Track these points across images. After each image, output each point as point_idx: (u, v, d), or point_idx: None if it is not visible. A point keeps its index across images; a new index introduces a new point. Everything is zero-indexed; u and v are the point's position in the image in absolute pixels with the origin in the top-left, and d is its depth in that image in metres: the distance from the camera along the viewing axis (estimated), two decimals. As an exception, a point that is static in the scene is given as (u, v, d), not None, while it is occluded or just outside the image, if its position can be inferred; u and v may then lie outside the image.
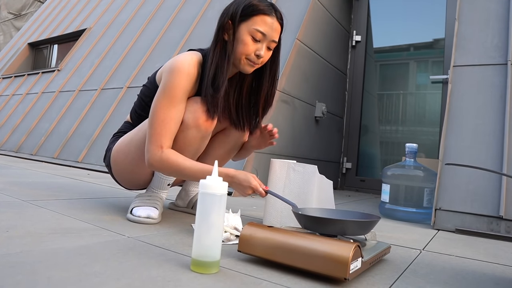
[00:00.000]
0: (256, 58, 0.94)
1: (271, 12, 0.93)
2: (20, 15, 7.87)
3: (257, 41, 0.93)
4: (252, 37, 0.92)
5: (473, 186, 1.35)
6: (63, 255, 0.67)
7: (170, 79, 0.91)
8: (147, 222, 0.99)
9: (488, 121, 1.43)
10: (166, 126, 0.91)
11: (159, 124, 0.91)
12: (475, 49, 1.56)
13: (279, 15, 0.95)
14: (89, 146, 2.85)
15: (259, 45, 0.93)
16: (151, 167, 0.94)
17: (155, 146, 0.91)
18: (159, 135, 0.91)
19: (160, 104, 0.91)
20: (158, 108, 0.91)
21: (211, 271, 0.64)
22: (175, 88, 0.91)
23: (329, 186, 1.10)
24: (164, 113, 0.91)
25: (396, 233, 1.23)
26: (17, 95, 4.22)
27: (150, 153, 0.92)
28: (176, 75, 0.91)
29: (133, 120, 1.12)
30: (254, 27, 0.91)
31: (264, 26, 0.92)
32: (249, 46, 0.92)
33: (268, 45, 0.95)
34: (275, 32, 0.94)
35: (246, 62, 0.94)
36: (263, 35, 0.93)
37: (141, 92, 1.08)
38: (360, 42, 2.94)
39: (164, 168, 0.93)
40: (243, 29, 0.92)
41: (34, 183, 1.61)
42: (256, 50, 0.93)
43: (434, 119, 2.62)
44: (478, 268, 0.86)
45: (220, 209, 0.66)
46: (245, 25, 0.92)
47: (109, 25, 3.98)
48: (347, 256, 0.62)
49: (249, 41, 0.92)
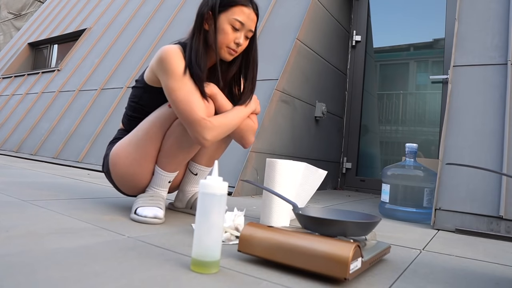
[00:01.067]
0: (236, 46, 1.01)
1: (248, 3, 1.00)
2: (20, 15, 7.87)
3: (236, 30, 0.99)
4: (232, 26, 0.99)
5: (473, 186, 1.35)
6: (63, 255, 0.67)
7: (167, 64, 0.95)
8: (154, 222, 1.00)
9: (488, 121, 1.43)
10: (192, 100, 0.94)
11: (186, 104, 0.94)
12: (475, 49, 1.56)
13: (255, 6, 1.02)
14: (89, 146, 2.85)
15: (238, 34, 1.00)
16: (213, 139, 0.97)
17: (199, 122, 0.94)
18: (193, 112, 0.94)
19: (173, 88, 0.95)
20: (173, 93, 0.95)
21: (211, 271, 0.64)
22: (176, 68, 0.95)
23: (319, 178, 1.17)
24: (183, 93, 0.94)
25: (396, 233, 1.23)
26: (17, 95, 4.22)
27: (201, 132, 0.94)
28: (170, 58, 0.95)
29: (125, 125, 1.14)
30: (233, 16, 0.98)
31: (242, 16, 0.99)
32: (229, 35, 0.99)
33: (246, 34, 1.02)
34: (252, 22, 1.01)
35: (226, 50, 1.01)
36: (242, 25, 0.99)
37: (130, 95, 1.12)
38: (360, 42, 2.94)
39: (222, 131, 0.98)
40: (223, 19, 0.99)
41: (34, 183, 1.61)
42: (236, 39, 1.00)
43: (434, 119, 2.62)
44: (478, 268, 0.86)
45: (220, 209, 0.66)
46: (224, 15, 0.99)
47: (109, 25, 3.98)
48: (347, 256, 0.62)
49: (229, 30, 0.99)
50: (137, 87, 1.09)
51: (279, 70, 2.18)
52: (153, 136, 1.03)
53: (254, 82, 1.08)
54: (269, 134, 2.09)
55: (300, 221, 0.80)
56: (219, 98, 1.02)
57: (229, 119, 1.00)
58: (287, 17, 2.46)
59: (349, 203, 1.99)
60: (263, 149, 2.04)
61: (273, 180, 1.11)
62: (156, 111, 1.05)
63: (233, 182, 1.86)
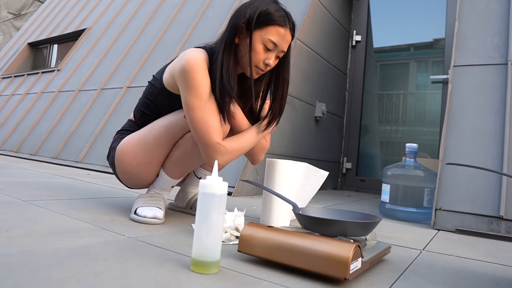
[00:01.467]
0: (265, 67, 0.96)
1: (286, 23, 0.94)
2: (20, 15, 7.86)
3: (268, 50, 0.94)
4: (264, 46, 0.94)
5: (473, 186, 1.35)
6: (63, 255, 0.67)
7: (191, 80, 0.91)
8: (153, 222, 1.00)
9: (488, 121, 1.43)
10: (209, 123, 0.91)
11: (203, 125, 0.91)
12: (476, 49, 1.55)
13: (292, 26, 0.96)
14: (89, 146, 2.85)
15: (269, 54, 0.95)
16: (224, 163, 0.96)
17: (213, 146, 0.92)
18: (209, 135, 0.91)
19: (194, 106, 0.91)
20: (193, 111, 0.91)
21: (211, 271, 0.64)
22: (200, 86, 0.91)
23: (321, 179, 1.16)
24: (201, 114, 0.91)
25: (396, 233, 1.23)
26: (16, 95, 4.22)
27: (214, 156, 0.93)
28: (195, 73, 0.90)
29: (136, 119, 1.11)
30: (268, 37, 0.93)
31: (277, 37, 0.93)
32: (260, 55, 0.94)
33: (277, 54, 0.97)
34: (286, 43, 0.96)
35: (254, 69, 0.96)
36: (275, 46, 0.94)
37: (146, 90, 1.07)
38: (360, 42, 2.94)
39: (234, 156, 0.97)
40: (256, 37, 0.93)
41: (34, 183, 1.61)
42: (266, 59, 0.95)
43: (434, 119, 2.62)
44: (478, 268, 0.86)
45: (220, 209, 0.66)
46: (258, 33, 0.93)
47: (109, 25, 3.98)
48: (347, 256, 0.62)
49: (261, 50, 0.94)
50: (153, 85, 1.04)
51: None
52: (164, 143, 1.00)
53: (284, 103, 1.05)
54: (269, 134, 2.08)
55: (300, 221, 0.80)
56: (237, 117, 0.99)
57: (243, 144, 0.97)
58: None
59: (349, 203, 1.99)
60: (263, 149, 2.04)
61: (273, 180, 1.11)
62: (171, 115, 1.01)
63: (233, 182, 1.86)
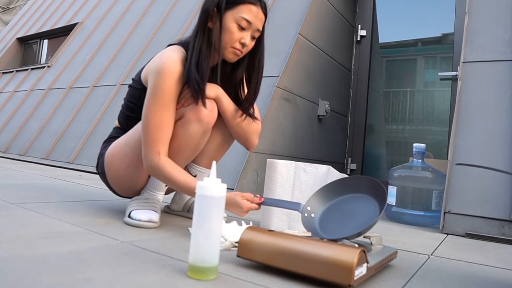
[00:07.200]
0: (241, 46, 0.97)
1: (256, 1, 0.96)
2: (8, 9, 7.79)
3: (243, 29, 0.96)
4: (238, 25, 0.95)
5: (483, 188, 1.34)
6: (53, 260, 0.66)
7: (158, 82, 0.92)
8: (148, 226, 0.98)
9: (499, 120, 1.41)
10: (162, 131, 0.93)
11: (155, 130, 0.93)
12: (486, 44, 1.54)
13: (263, 4, 0.98)
14: (81, 146, 2.81)
15: (244, 34, 0.96)
16: (149, 171, 0.97)
17: (153, 152, 0.94)
18: (156, 141, 0.93)
19: (153, 109, 0.93)
20: (151, 113, 0.93)
21: (209, 277, 0.63)
22: (164, 91, 0.92)
23: None
24: (158, 118, 0.93)
25: (403, 237, 1.23)
26: (5, 93, 4.16)
27: (148, 159, 0.94)
28: (164, 77, 0.92)
29: (122, 124, 1.11)
30: (240, 15, 0.94)
31: (249, 14, 0.95)
32: (235, 34, 0.95)
33: (253, 34, 0.98)
34: (259, 21, 0.97)
35: (231, 50, 0.97)
36: (249, 23, 0.95)
37: (127, 94, 1.08)
38: (365, 37, 2.90)
39: (159, 176, 0.96)
40: (228, 16, 0.95)
41: (23, 185, 1.59)
42: (241, 39, 0.96)
43: (443, 118, 2.59)
44: (489, 274, 0.84)
45: (218, 212, 0.65)
46: (230, 13, 0.95)
47: (101, 19, 3.91)
48: (351, 262, 0.61)
49: (234, 29, 0.95)
50: (134, 88, 1.06)
51: (280, 66, 2.15)
52: None
53: (258, 87, 1.05)
54: (270, 134, 2.06)
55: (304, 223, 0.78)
56: (224, 101, 1.00)
57: (172, 178, 0.93)
58: (289, 11, 2.43)
59: (354, 204, 1.96)
60: (264, 149, 2.02)
61: (274, 182, 1.09)
62: None
63: (232, 184, 1.84)
